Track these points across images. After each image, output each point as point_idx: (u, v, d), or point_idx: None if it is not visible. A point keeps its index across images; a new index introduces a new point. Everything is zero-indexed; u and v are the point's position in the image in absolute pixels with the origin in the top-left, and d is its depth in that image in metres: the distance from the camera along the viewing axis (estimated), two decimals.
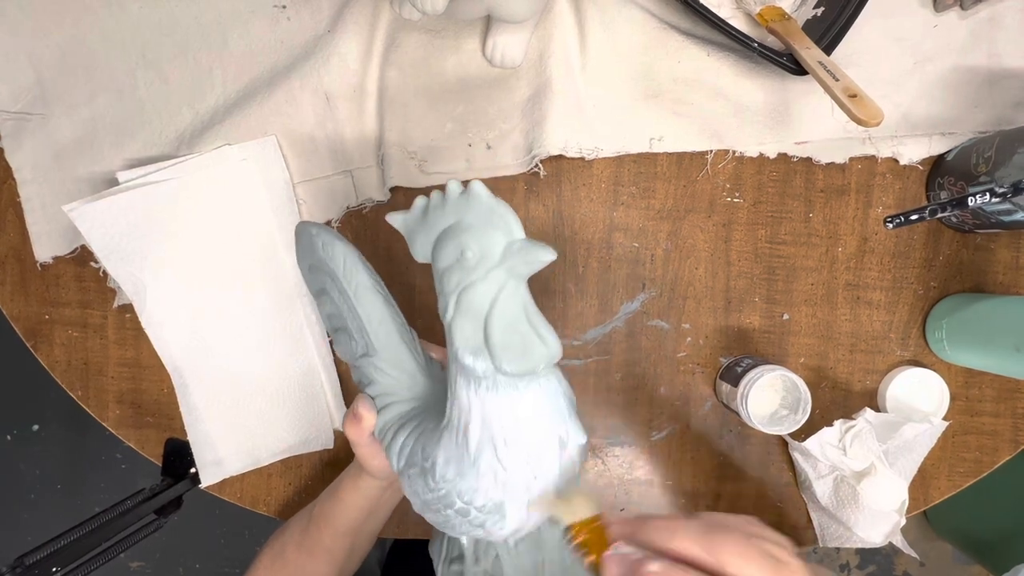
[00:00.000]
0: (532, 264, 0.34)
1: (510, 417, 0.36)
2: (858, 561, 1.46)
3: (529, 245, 0.34)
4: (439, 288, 0.36)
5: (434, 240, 0.37)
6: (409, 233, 0.38)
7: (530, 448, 0.36)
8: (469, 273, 0.34)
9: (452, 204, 0.36)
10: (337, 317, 0.44)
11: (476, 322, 0.35)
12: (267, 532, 0.59)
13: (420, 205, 0.38)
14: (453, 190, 0.36)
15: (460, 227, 0.35)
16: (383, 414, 0.44)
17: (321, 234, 0.42)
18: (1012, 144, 0.50)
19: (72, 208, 0.56)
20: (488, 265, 0.34)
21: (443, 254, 0.36)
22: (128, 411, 0.63)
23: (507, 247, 0.34)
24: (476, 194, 0.35)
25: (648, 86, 0.59)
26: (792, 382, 0.56)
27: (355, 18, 0.57)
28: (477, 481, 0.36)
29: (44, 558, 0.46)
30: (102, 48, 0.59)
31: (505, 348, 0.34)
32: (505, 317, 0.34)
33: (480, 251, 0.34)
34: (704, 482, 0.62)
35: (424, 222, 0.37)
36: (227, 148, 0.58)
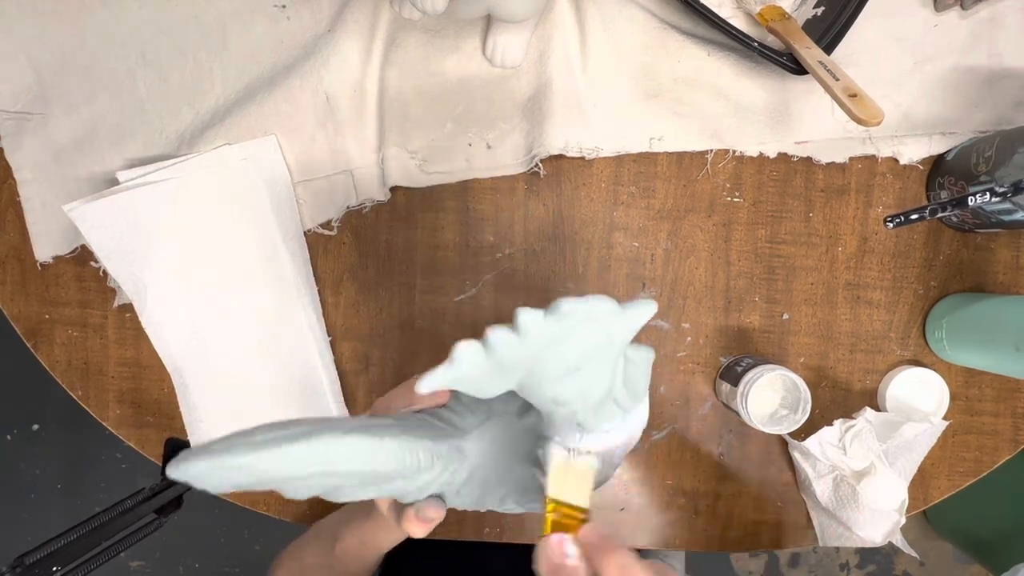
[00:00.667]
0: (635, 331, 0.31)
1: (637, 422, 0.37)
2: (858, 561, 1.46)
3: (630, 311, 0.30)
4: (547, 407, 0.33)
5: (516, 379, 0.31)
6: (468, 384, 0.31)
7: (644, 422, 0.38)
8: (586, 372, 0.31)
9: (540, 334, 0.30)
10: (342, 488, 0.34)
11: (607, 403, 0.33)
12: (267, 531, 0.59)
13: (471, 354, 0.29)
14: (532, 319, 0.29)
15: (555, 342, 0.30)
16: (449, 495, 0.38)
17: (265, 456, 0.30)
18: (1012, 144, 0.50)
19: (72, 208, 0.56)
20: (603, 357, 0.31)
21: (547, 386, 0.31)
22: (128, 411, 0.63)
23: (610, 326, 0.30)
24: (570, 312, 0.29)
25: (648, 86, 0.59)
26: (792, 382, 0.56)
27: (355, 18, 0.57)
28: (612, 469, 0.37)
29: (44, 557, 0.46)
30: (102, 48, 0.59)
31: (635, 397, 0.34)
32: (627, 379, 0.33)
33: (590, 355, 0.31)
34: (704, 482, 0.62)
35: (493, 366, 0.30)
36: (227, 148, 0.58)
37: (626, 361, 0.32)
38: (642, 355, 0.33)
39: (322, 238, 0.61)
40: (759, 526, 0.63)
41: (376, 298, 0.62)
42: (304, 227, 0.60)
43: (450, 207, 0.61)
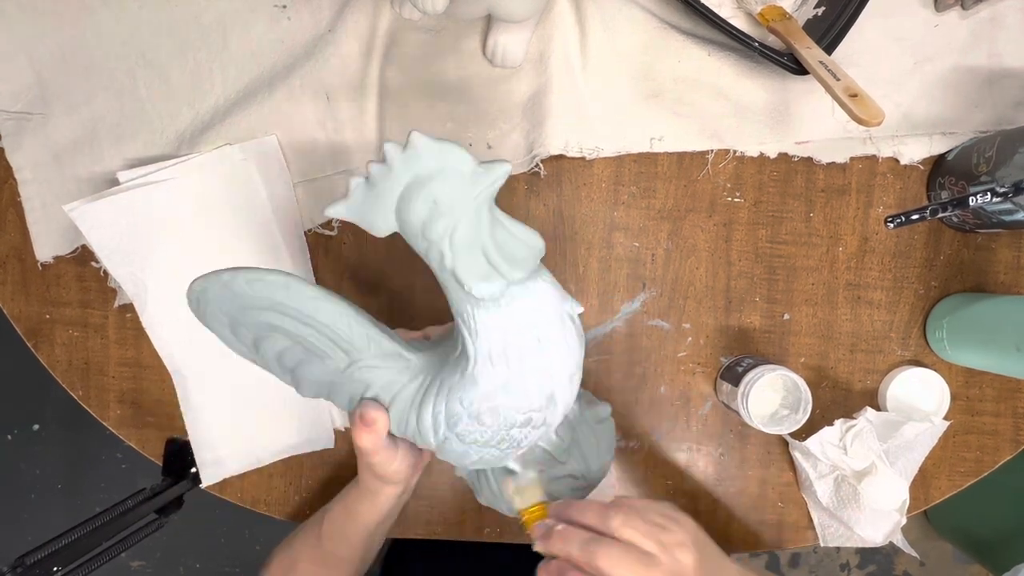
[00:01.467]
0: (497, 182, 0.36)
1: (535, 315, 0.39)
2: (858, 561, 1.46)
3: (488, 167, 0.36)
4: (422, 244, 0.37)
5: (392, 207, 0.37)
6: (360, 215, 0.38)
7: (556, 331, 0.40)
8: (448, 216, 0.36)
9: (399, 165, 0.36)
10: (294, 349, 0.42)
11: (474, 253, 0.37)
12: (267, 531, 0.59)
13: (358, 184, 0.37)
14: (393, 151, 0.36)
15: (419, 181, 0.36)
16: (395, 406, 0.43)
17: (238, 273, 0.40)
18: (1013, 144, 0.50)
19: (73, 208, 0.56)
20: (463, 200, 0.36)
21: (414, 212, 0.36)
22: (129, 411, 0.63)
23: (472, 177, 0.36)
24: (418, 144, 0.35)
25: (649, 86, 0.59)
26: (793, 382, 0.56)
27: (355, 18, 0.57)
28: (527, 389, 0.40)
29: (45, 558, 0.46)
30: (102, 48, 0.59)
31: (509, 259, 0.37)
32: (498, 236, 0.37)
33: (450, 193, 0.36)
34: (704, 482, 0.62)
35: (372, 197, 0.37)
36: (227, 148, 0.58)
37: (495, 222, 0.37)
38: (513, 225, 0.38)
39: (322, 238, 0.61)
40: (759, 526, 0.63)
41: (376, 298, 0.62)
42: (304, 227, 0.60)
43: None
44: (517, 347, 0.39)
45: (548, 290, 0.40)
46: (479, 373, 0.39)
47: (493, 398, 0.40)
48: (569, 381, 0.41)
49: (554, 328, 0.40)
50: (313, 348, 0.41)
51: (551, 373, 0.40)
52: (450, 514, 0.63)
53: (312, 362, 0.42)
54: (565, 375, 0.41)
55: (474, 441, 0.41)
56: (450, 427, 0.41)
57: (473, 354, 0.39)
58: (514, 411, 0.40)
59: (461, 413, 0.40)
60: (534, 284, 0.39)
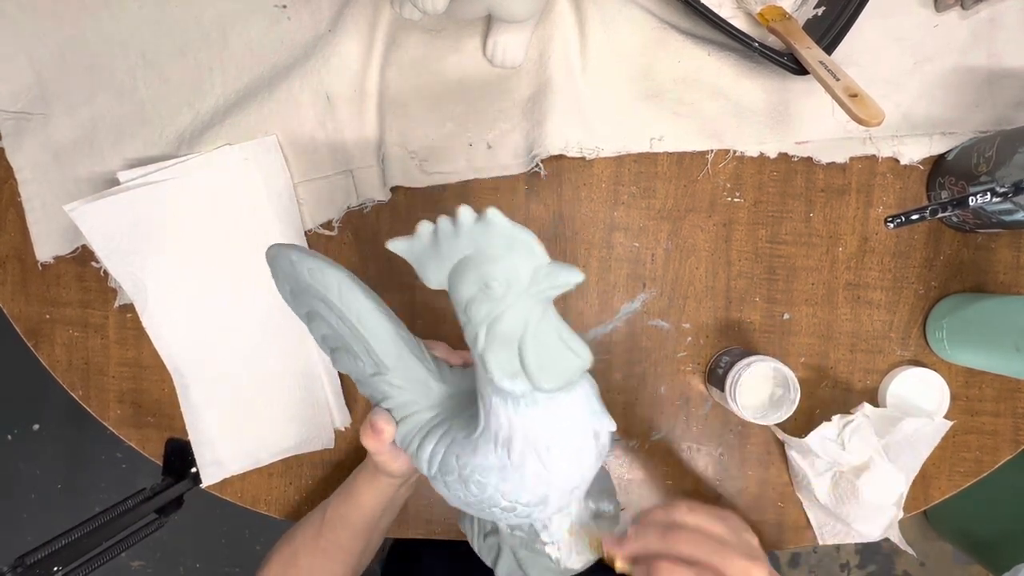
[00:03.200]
0: (560, 288, 0.34)
1: (551, 426, 0.37)
2: (858, 561, 1.46)
3: (555, 269, 0.34)
4: (463, 317, 0.36)
5: (449, 269, 0.36)
6: (416, 261, 0.37)
7: (571, 448, 0.38)
8: (497, 303, 0.34)
9: (467, 233, 0.34)
10: (335, 338, 0.43)
11: (510, 349, 0.35)
12: (267, 531, 0.59)
13: (426, 232, 0.36)
14: (466, 218, 0.34)
15: (481, 258, 0.34)
16: (403, 425, 0.43)
17: (304, 260, 0.40)
18: (1013, 144, 0.50)
19: (73, 208, 0.56)
20: (516, 293, 0.34)
21: (465, 285, 0.35)
22: (129, 411, 0.63)
23: (533, 273, 0.34)
24: (494, 223, 0.34)
25: (648, 86, 0.59)
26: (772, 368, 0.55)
27: (355, 18, 0.57)
28: (522, 484, 0.38)
29: (45, 557, 0.46)
30: (102, 48, 0.59)
31: (542, 369, 0.35)
32: (539, 341, 0.35)
33: (506, 281, 0.34)
34: (704, 482, 0.62)
35: (434, 250, 0.36)
36: (227, 148, 0.58)
37: (542, 323, 0.35)
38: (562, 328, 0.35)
39: (322, 238, 0.61)
40: (759, 526, 0.63)
41: None
42: (304, 227, 0.60)
43: (450, 207, 0.61)
44: (523, 446, 0.37)
45: (577, 405, 0.38)
46: (481, 445, 0.38)
47: (486, 474, 0.38)
48: (569, 492, 0.39)
49: (570, 444, 0.38)
50: (349, 346, 0.42)
51: (550, 481, 0.38)
52: (450, 514, 0.63)
53: (346, 355, 0.43)
54: (566, 487, 0.39)
55: (456, 495, 0.41)
56: (441, 472, 0.41)
57: (482, 426, 0.38)
58: (501, 495, 0.39)
59: (454, 468, 0.40)
60: (563, 396, 0.37)
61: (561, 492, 0.39)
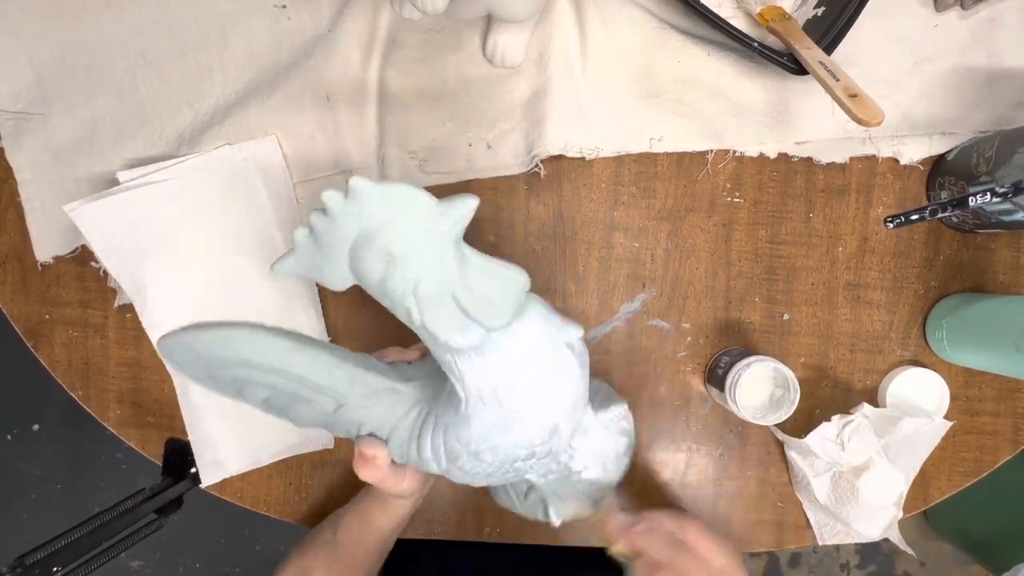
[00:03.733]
0: (462, 221, 0.31)
1: (523, 357, 0.35)
2: (858, 561, 1.46)
3: (448, 206, 0.31)
4: (385, 300, 0.34)
5: (345, 261, 0.33)
6: (310, 270, 0.34)
7: (551, 369, 0.36)
8: (408, 267, 0.32)
9: (342, 216, 0.32)
10: (278, 396, 0.39)
11: (446, 305, 0.33)
12: (267, 531, 0.59)
13: (303, 237, 0.33)
14: (334, 201, 0.31)
15: (369, 232, 0.32)
16: (392, 441, 0.41)
17: (201, 335, 0.36)
18: (1012, 144, 0.50)
19: (72, 208, 0.56)
20: (422, 248, 0.32)
21: (369, 268, 0.32)
22: (129, 411, 0.63)
23: (429, 220, 0.31)
24: (362, 191, 0.31)
25: (648, 86, 0.59)
26: (773, 368, 0.55)
27: (355, 18, 0.57)
28: (526, 426, 0.37)
29: (44, 558, 0.46)
30: (102, 48, 0.59)
31: (487, 308, 0.33)
32: (469, 283, 0.33)
33: (407, 241, 0.31)
34: (704, 482, 0.62)
35: (320, 251, 0.33)
36: (227, 148, 0.58)
37: (464, 262, 0.32)
38: (485, 262, 0.33)
39: None
40: (759, 526, 0.63)
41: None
42: None
43: None
44: (507, 388, 0.36)
45: (536, 327, 0.36)
46: (472, 414, 0.37)
47: (490, 438, 0.37)
48: (573, 409, 0.38)
49: (548, 364, 0.36)
50: (296, 395, 0.39)
51: (550, 407, 0.37)
52: (450, 513, 0.63)
53: (299, 405, 0.39)
54: (567, 406, 0.38)
55: (477, 474, 0.40)
56: (451, 461, 0.39)
57: (464, 396, 0.36)
58: (514, 447, 0.38)
59: (460, 450, 0.38)
60: (519, 325, 0.35)
61: (565, 413, 0.38)
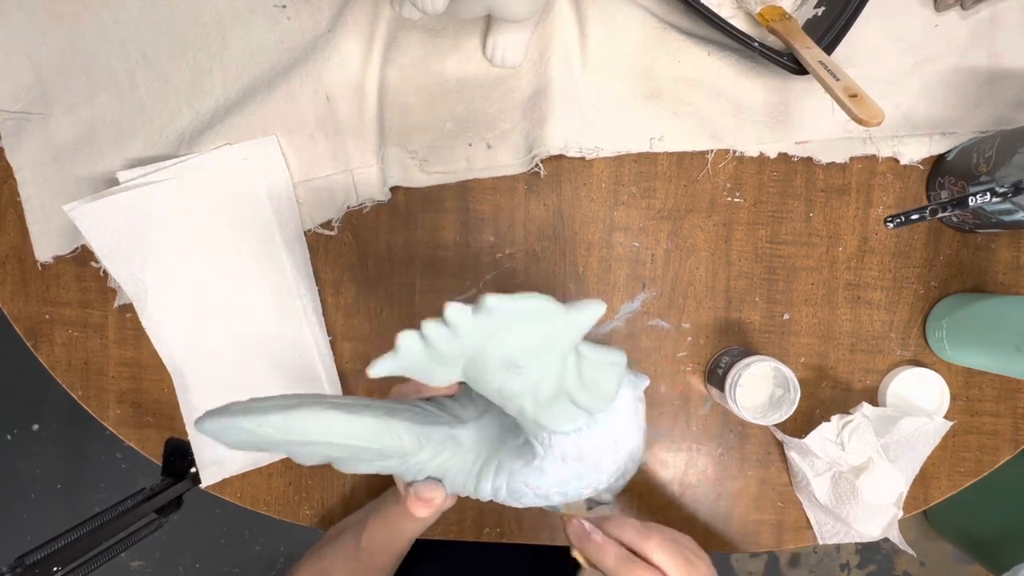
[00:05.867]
0: (583, 331, 0.31)
1: (615, 425, 0.37)
2: (858, 561, 1.46)
3: (577, 313, 0.30)
4: (498, 400, 0.33)
5: (459, 366, 0.32)
6: (412, 373, 0.32)
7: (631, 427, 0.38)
8: (531, 374, 0.32)
9: (468, 331, 0.30)
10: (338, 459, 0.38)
11: (562, 402, 0.33)
12: (267, 531, 0.59)
13: (412, 345, 0.31)
14: (462, 317, 0.30)
15: (496, 345, 0.31)
16: (449, 481, 0.40)
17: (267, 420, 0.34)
18: (1012, 144, 0.50)
19: (72, 208, 0.56)
20: (548, 357, 0.31)
21: (490, 376, 0.32)
22: (128, 411, 0.63)
23: (558, 328, 0.30)
24: (496, 310, 0.29)
25: (648, 86, 0.59)
26: (773, 368, 0.55)
27: (355, 18, 0.57)
28: (601, 473, 0.38)
29: (44, 557, 0.46)
30: (102, 48, 0.59)
31: (597, 399, 0.34)
32: (584, 382, 0.33)
33: (532, 350, 0.31)
34: (704, 482, 0.62)
35: (431, 357, 0.31)
36: (227, 148, 0.58)
37: (579, 359, 0.32)
38: (600, 356, 0.33)
39: (322, 238, 0.61)
40: (759, 526, 0.63)
41: (376, 298, 0.62)
42: (304, 227, 0.60)
43: (450, 207, 0.61)
44: (594, 453, 0.36)
45: (626, 397, 0.37)
46: (547, 468, 0.37)
47: (563, 485, 0.38)
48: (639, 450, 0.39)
49: (630, 425, 0.37)
50: (359, 458, 0.38)
51: (623, 457, 0.38)
52: (450, 513, 0.63)
53: (358, 463, 0.39)
54: (638, 451, 0.39)
55: (533, 503, 0.40)
56: (513, 498, 0.39)
57: (542, 454, 0.37)
58: (583, 489, 0.38)
59: (526, 492, 0.39)
60: (617, 402, 0.36)
61: (635, 457, 0.39)
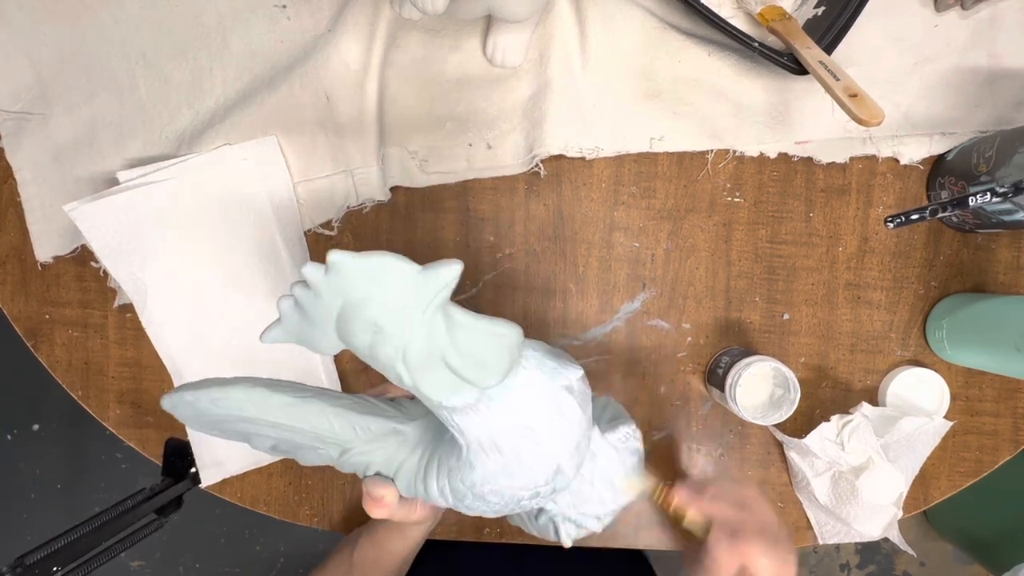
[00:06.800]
0: (445, 289, 0.31)
1: (522, 408, 0.35)
2: (858, 561, 1.46)
3: (431, 274, 0.31)
4: (377, 365, 0.33)
5: (333, 328, 0.33)
6: (298, 338, 0.34)
7: (551, 415, 0.36)
8: (395, 336, 0.32)
9: (325, 289, 0.31)
10: (284, 442, 0.39)
11: (437, 368, 0.33)
12: (267, 531, 0.59)
13: (289, 308, 0.33)
14: (315, 275, 0.31)
15: (353, 305, 0.32)
16: (400, 478, 0.41)
17: (201, 394, 0.36)
18: (1012, 144, 0.50)
19: (72, 208, 0.56)
20: (408, 316, 0.31)
21: (356, 339, 0.32)
22: (128, 411, 0.63)
23: (413, 289, 0.31)
24: (341, 265, 0.30)
25: (649, 86, 0.59)
26: (772, 369, 0.55)
27: (355, 18, 0.57)
28: (530, 470, 0.37)
29: (44, 558, 0.46)
30: (102, 48, 0.59)
31: (480, 369, 0.33)
32: (459, 347, 0.32)
33: (391, 313, 0.31)
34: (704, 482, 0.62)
35: (306, 321, 0.33)
36: (227, 148, 0.58)
37: (450, 322, 0.32)
38: (476, 323, 0.32)
39: (322, 238, 0.61)
40: None
41: None
42: (304, 227, 0.60)
43: (450, 207, 0.61)
44: (507, 437, 0.35)
45: (533, 377, 0.36)
46: (474, 460, 0.37)
47: (494, 481, 0.37)
48: (575, 449, 0.38)
49: (547, 411, 0.36)
50: (300, 444, 0.39)
51: (551, 451, 0.37)
52: (450, 514, 0.63)
53: (305, 451, 0.40)
54: (569, 447, 0.38)
55: (484, 509, 0.40)
56: (458, 499, 0.39)
57: (464, 444, 0.36)
58: (518, 489, 0.38)
59: (465, 492, 0.38)
60: (514, 379, 0.35)
61: (567, 453, 0.38)
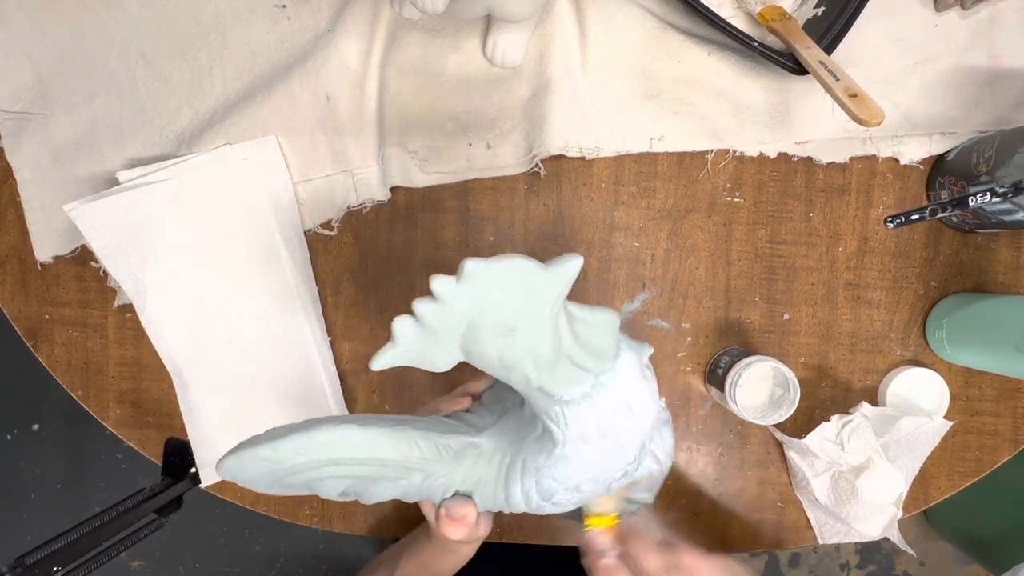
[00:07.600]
0: (570, 284, 0.32)
1: (624, 388, 0.36)
2: (858, 561, 1.46)
3: (555, 271, 0.31)
4: (503, 372, 0.34)
5: (456, 343, 0.33)
6: (413, 358, 0.33)
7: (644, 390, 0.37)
8: (526, 337, 0.32)
9: (455, 300, 0.31)
10: (358, 482, 0.38)
11: (562, 363, 0.34)
12: (267, 531, 0.59)
13: (407, 328, 0.32)
14: (446, 288, 0.31)
15: (484, 311, 0.32)
16: (479, 495, 0.40)
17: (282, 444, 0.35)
18: (1012, 144, 0.50)
19: (72, 208, 0.56)
20: (537, 317, 0.32)
21: (487, 346, 0.33)
22: (128, 411, 0.63)
23: (540, 287, 0.31)
24: (476, 274, 0.31)
25: (648, 86, 0.59)
26: (772, 369, 0.55)
27: (355, 18, 0.57)
28: (624, 448, 0.38)
29: (44, 558, 0.46)
30: (102, 48, 0.59)
31: (597, 355, 0.34)
32: (581, 339, 0.33)
33: (523, 315, 0.32)
34: (704, 482, 0.62)
35: (427, 337, 0.32)
36: (227, 148, 0.58)
37: (571, 318, 0.33)
38: (590, 315, 0.33)
39: (322, 238, 0.61)
40: (759, 526, 0.63)
41: (376, 298, 0.62)
42: (304, 227, 0.60)
43: (450, 207, 0.61)
44: (612, 423, 0.36)
45: (630, 360, 0.37)
46: (571, 453, 0.37)
47: (591, 469, 0.38)
48: (656, 420, 0.39)
49: (641, 390, 0.37)
50: (383, 477, 0.38)
51: (641, 426, 0.38)
52: None
53: (384, 484, 0.39)
54: (653, 420, 0.39)
55: (572, 502, 0.40)
56: (544, 499, 0.39)
57: (562, 439, 0.36)
58: (614, 471, 0.38)
59: (556, 487, 0.38)
60: (618, 362, 0.36)
61: (652, 425, 0.39)
